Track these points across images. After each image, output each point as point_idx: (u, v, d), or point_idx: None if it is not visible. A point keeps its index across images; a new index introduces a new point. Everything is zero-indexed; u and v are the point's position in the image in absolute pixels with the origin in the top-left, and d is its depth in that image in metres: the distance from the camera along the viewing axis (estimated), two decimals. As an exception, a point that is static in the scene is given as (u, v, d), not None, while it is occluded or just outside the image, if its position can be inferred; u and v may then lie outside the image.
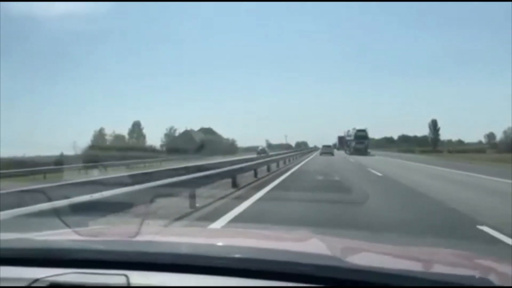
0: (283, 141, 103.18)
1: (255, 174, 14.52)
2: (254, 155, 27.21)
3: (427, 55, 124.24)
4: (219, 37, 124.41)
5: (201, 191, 8.25)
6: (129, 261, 1.13)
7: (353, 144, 50.98)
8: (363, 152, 47.64)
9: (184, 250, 1.21)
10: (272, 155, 26.22)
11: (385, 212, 7.03)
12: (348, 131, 58.56)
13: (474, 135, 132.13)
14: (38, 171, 21.47)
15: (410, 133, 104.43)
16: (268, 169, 17.61)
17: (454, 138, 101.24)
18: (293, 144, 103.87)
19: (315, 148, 69.08)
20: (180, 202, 7.20)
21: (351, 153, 48.57)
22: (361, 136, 51.30)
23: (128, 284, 1.03)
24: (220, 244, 1.42)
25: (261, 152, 45.55)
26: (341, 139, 70.19)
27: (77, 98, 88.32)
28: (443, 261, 1.35)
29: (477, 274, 1.06)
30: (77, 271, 1.08)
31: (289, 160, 25.90)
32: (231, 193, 9.65)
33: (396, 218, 6.35)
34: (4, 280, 1.07)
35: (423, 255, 1.44)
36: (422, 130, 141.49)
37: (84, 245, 1.26)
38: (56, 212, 2.82)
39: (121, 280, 1.04)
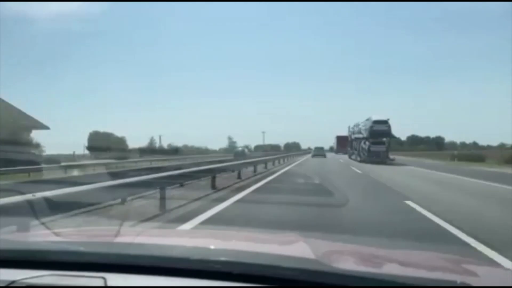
0: (275, 142, 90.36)
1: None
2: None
3: (427, 55, 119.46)
4: (210, 36, 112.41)
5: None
6: (108, 263, 1.11)
7: (365, 144, 30.38)
8: (382, 158, 28.66)
9: (165, 253, 1.18)
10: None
11: None
12: (357, 125, 36.06)
13: (490, 137, 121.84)
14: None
15: (418, 133, 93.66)
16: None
17: (468, 140, 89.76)
18: (282, 145, 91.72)
19: (308, 150, 60.63)
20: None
21: (362, 160, 29.65)
22: (380, 132, 29.43)
23: (105, 286, 1.01)
24: (204, 246, 1.39)
25: (240, 154, 39.04)
26: (341, 139, 52.18)
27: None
28: (428, 265, 1.37)
29: (459, 278, 1.11)
30: (55, 273, 1.07)
31: (239, 175, 12.83)
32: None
33: None
34: None
35: (408, 258, 1.47)
36: (433, 131, 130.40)
37: (63, 247, 1.24)
38: (35, 214, 2.78)
39: (98, 283, 1.02)
